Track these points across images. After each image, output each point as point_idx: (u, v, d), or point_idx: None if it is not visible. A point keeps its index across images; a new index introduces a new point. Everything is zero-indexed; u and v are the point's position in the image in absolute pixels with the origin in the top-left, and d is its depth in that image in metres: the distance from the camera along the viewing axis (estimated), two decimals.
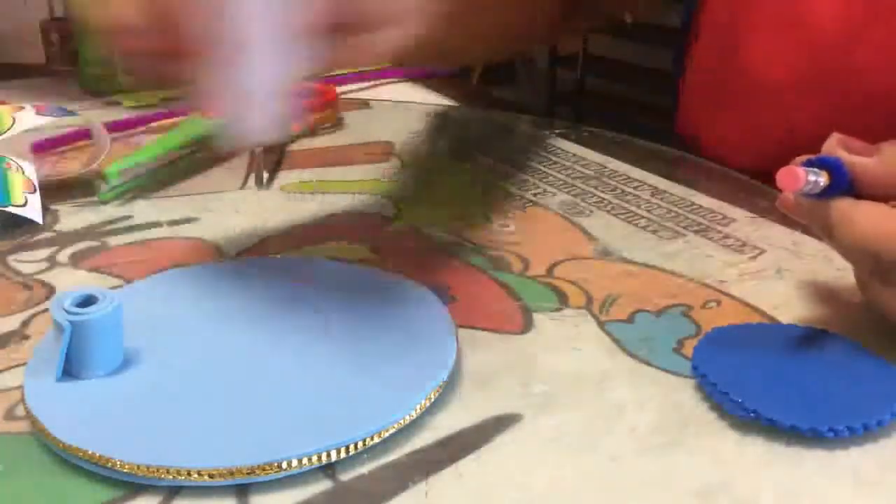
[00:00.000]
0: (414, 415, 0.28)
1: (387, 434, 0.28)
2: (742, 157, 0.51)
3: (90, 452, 0.26)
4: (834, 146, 0.31)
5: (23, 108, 0.49)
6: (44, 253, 0.42)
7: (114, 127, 0.58)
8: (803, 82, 0.53)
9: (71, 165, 0.53)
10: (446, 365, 0.31)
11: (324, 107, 0.61)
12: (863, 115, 0.32)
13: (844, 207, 0.31)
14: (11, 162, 0.47)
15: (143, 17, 0.30)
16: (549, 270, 0.39)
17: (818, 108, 0.32)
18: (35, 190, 0.46)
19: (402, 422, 0.28)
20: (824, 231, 0.32)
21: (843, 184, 0.31)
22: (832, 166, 0.31)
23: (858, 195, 0.31)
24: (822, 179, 0.31)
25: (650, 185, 0.50)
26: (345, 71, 0.76)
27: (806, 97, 0.31)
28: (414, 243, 0.42)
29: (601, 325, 0.35)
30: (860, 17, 0.51)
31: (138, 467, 0.26)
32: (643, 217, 0.45)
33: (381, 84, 0.74)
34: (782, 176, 0.30)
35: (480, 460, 0.27)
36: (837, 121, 0.32)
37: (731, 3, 0.58)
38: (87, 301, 0.30)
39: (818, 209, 0.32)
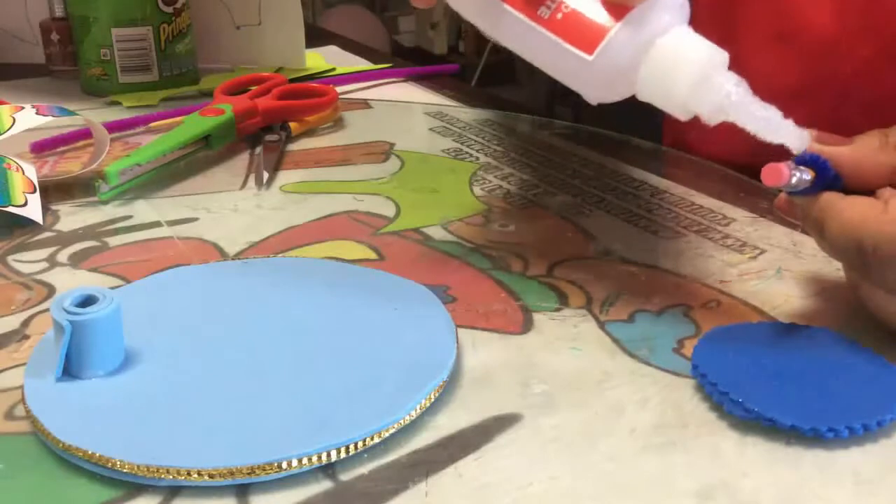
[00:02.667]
0: (414, 415, 0.29)
1: (387, 434, 0.28)
2: (734, 157, 0.51)
3: (90, 452, 0.26)
4: (811, 143, 0.32)
5: (23, 108, 0.50)
6: (44, 253, 0.42)
7: (114, 127, 0.58)
8: (797, 92, 0.53)
9: (71, 165, 0.53)
10: (446, 365, 0.31)
11: (324, 107, 0.61)
12: (857, 121, 0.32)
13: (832, 199, 0.31)
14: (11, 162, 0.47)
15: None
16: (549, 270, 0.39)
17: (813, 116, 0.32)
18: (35, 190, 0.46)
19: (402, 422, 0.28)
20: (816, 228, 0.32)
21: (829, 176, 0.31)
22: (812, 161, 0.31)
23: (847, 190, 0.32)
24: (808, 175, 0.31)
25: (650, 185, 0.50)
26: (344, 71, 0.76)
27: (800, 106, 0.32)
28: (414, 243, 0.42)
29: (601, 325, 0.35)
30: (854, 27, 0.51)
31: (138, 467, 0.26)
32: (643, 217, 0.45)
33: (381, 84, 0.74)
34: (766, 172, 0.31)
35: (480, 460, 0.27)
36: (832, 128, 0.33)
37: (722, 18, 0.58)
38: (87, 301, 0.30)
39: (809, 206, 0.32)
